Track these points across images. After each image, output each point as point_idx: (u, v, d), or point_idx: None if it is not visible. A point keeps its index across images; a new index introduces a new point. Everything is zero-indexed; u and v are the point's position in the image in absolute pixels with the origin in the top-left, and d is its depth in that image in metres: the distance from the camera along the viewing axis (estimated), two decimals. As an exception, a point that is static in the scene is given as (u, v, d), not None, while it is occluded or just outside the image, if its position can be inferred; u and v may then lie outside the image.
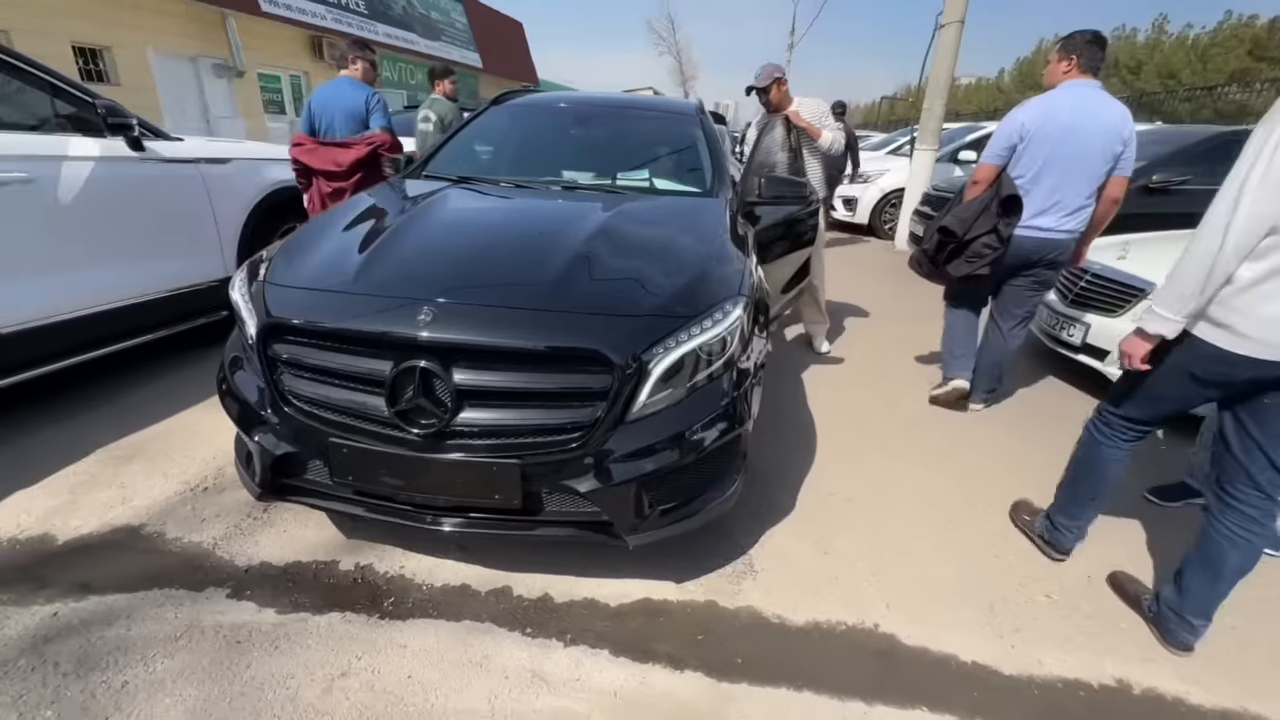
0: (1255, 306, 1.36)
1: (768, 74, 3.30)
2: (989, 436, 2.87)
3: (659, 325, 1.52)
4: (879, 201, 8.58)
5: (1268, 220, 1.28)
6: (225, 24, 11.41)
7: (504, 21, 25.18)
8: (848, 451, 2.64)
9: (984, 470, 2.55)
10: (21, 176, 2.33)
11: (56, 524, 1.95)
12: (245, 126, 12.36)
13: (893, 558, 1.98)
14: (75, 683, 1.40)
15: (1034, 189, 2.54)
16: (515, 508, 1.49)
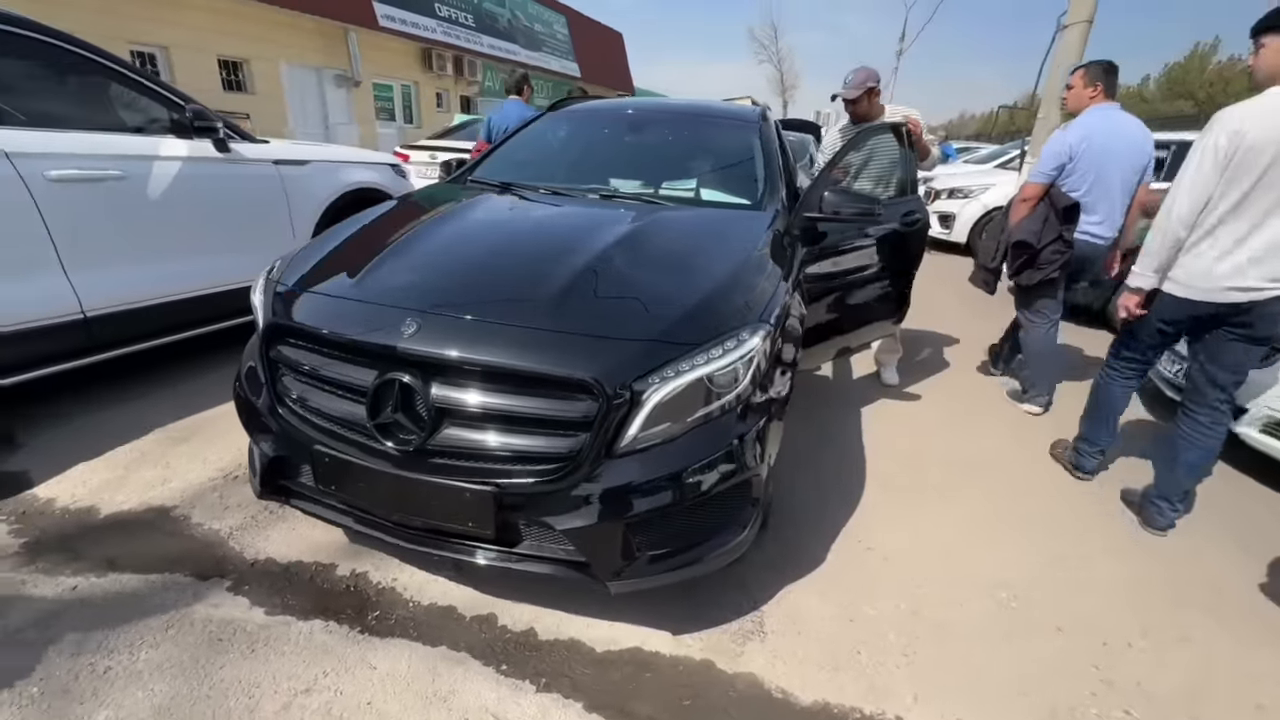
0: (1187, 263, 1.98)
1: (860, 81, 2.97)
2: (1079, 500, 2.45)
3: (657, 352, 1.36)
4: (980, 219, 7.85)
5: (1199, 203, 1.91)
6: (347, 38, 12.43)
7: (604, 32, 25.79)
8: (897, 500, 2.34)
9: (1062, 540, 2.17)
10: (115, 174, 2.55)
11: (104, 498, 2.08)
12: (359, 132, 13.40)
13: (932, 636, 1.70)
14: (66, 662, 1.45)
15: (1088, 201, 2.81)
16: (488, 537, 1.39)
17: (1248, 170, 1.82)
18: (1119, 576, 2.00)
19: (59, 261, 2.41)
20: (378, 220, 1.98)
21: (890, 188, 2.98)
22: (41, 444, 2.37)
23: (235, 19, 10.31)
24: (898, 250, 2.78)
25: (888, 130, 2.84)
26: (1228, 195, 1.87)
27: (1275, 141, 1.77)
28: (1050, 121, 6.43)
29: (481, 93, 17.76)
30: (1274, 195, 1.81)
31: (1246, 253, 1.88)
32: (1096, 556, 2.09)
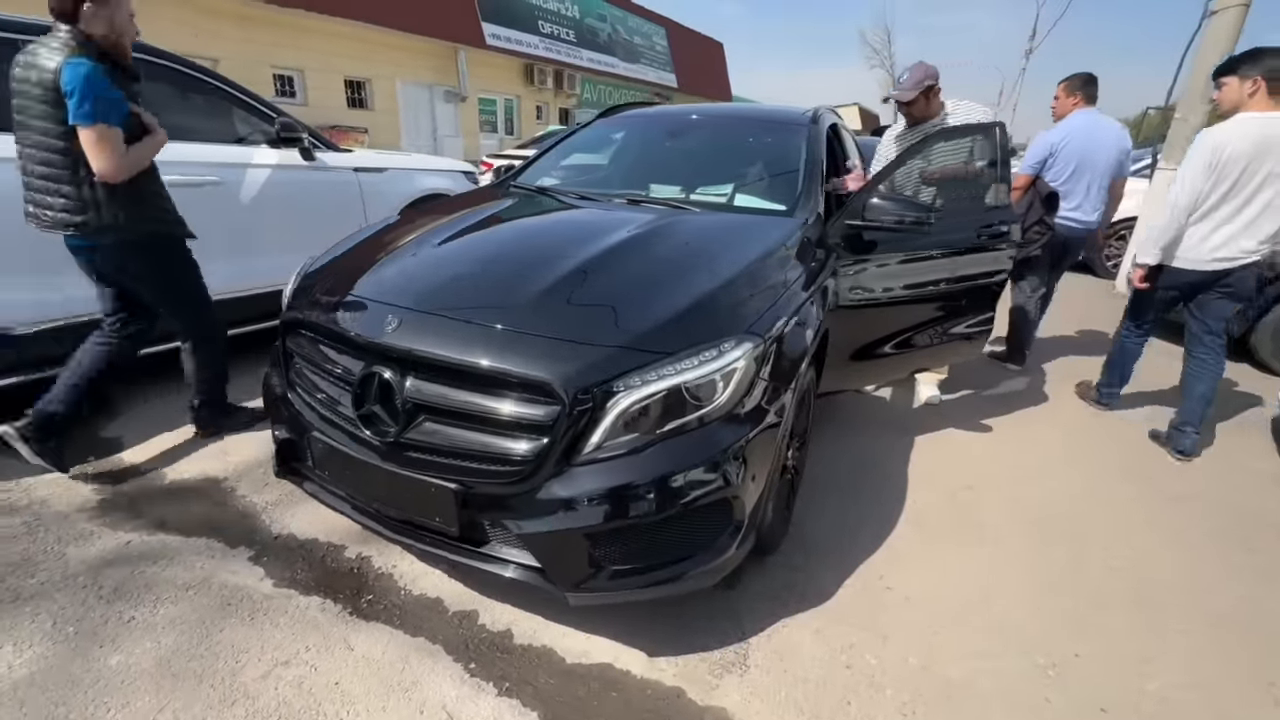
0: (1184, 241, 2.59)
1: (917, 80, 2.75)
2: (1149, 563, 2.09)
3: (624, 358, 1.32)
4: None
5: (1194, 200, 2.51)
6: (457, 57, 13.37)
7: (704, 42, 25.90)
8: (935, 539, 2.10)
9: (1126, 612, 1.85)
10: (212, 180, 2.88)
11: (172, 466, 2.34)
12: (463, 144, 14.35)
13: (939, 696, 1.50)
14: (102, 608, 1.63)
15: (1066, 190, 3.33)
16: (453, 534, 1.40)
17: (1227, 175, 2.46)
18: (1192, 659, 1.67)
19: (161, 256, 2.74)
20: (400, 222, 2.08)
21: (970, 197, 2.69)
22: (137, 413, 2.71)
23: (360, 43, 11.41)
24: (980, 265, 2.53)
25: (975, 132, 2.59)
26: (1213, 194, 2.51)
27: (1245, 154, 2.41)
28: (1190, 124, 5.61)
29: (580, 104, 18.41)
30: (1246, 193, 2.47)
31: (1225, 234, 2.53)
32: (1167, 634, 1.77)
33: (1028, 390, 3.54)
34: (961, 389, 3.40)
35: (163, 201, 2.26)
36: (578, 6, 17.27)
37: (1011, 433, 2.96)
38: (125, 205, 2.04)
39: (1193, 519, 2.33)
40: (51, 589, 1.68)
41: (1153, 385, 3.57)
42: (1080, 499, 2.42)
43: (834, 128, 2.91)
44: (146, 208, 2.14)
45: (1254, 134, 2.39)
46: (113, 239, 2.07)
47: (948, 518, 2.23)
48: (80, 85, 1.80)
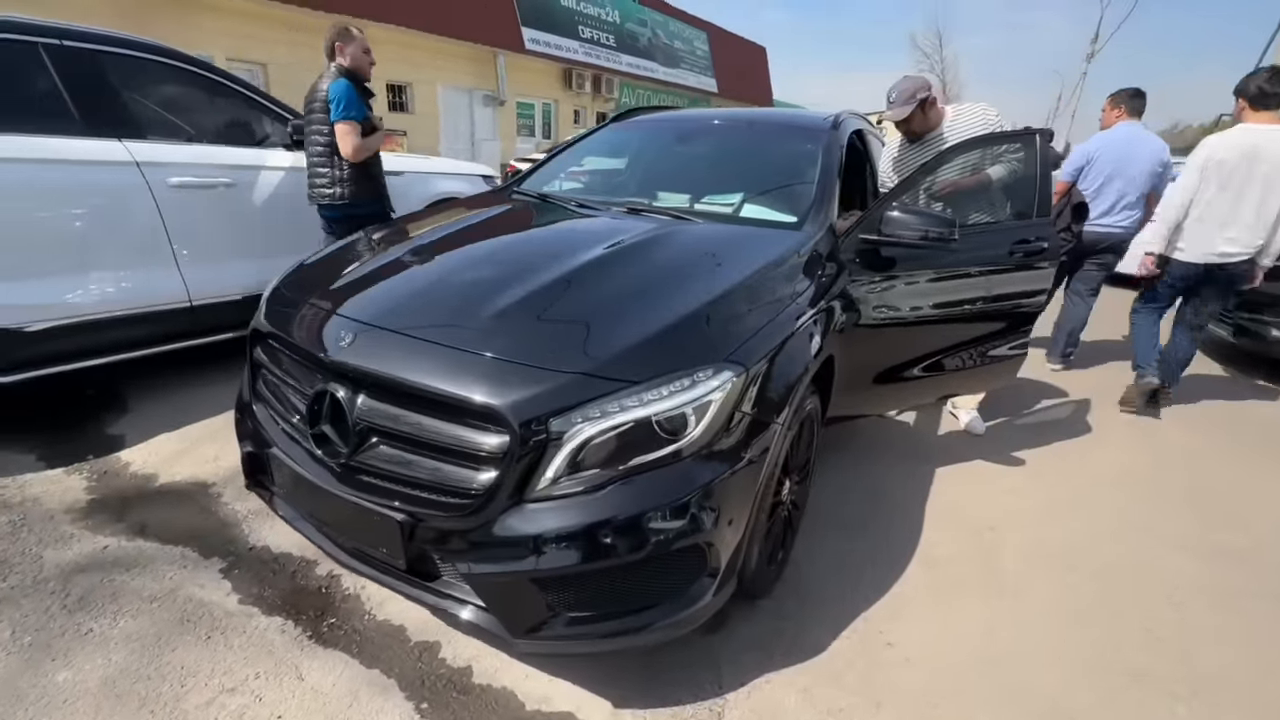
0: (1184, 236, 3.04)
1: (908, 94, 2.51)
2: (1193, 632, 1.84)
3: (585, 386, 1.19)
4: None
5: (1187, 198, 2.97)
6: (496, 61, 13.54)
7: (746, 47, 25.64)
8: (945, 587, 1.91)
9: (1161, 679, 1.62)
10: (226, 181, 2.90)
11: (165, 468, 2.33)
12: (500, 147, 14.50)
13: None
14: (63, 618, 1.59)
15: (1097, 197, 3.54)
16: (400, 567, 1.31)
17: (1216, 177, 2.89)
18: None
19: (174, 257, 2.77)
20: (384, 230, 2.01)
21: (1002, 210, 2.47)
22: (143, 412, 2.73)
23: (404, 47, 11.65)
24: (1014, 284, 2.32)
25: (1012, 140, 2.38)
26: (1204, 194, 2.93)
27: (1233, 159, 2.85)
28: (1266, 130, 5.15)
29: (617, 108, 18.44)
30: (1235, 194, 2.86)
31: (1225, 232, 2.91)
32: (1211, 688, 1.53)
33: (1070, 419, 3.27)
34: (995, 415, 3.15)
35: (381, 186, 3.11)
36: (618, 11, 17.28)
37: (1047, 466, 2.71)
38: (357, 183, 2.92)
39: (1256, 581, 2.05)
40: (19, 594, 1.66)
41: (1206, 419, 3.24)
42: (1121, 548, 2.17)
43: (859, 134, 2.72)
44: (372, 185, 3.02)
45: (1240, 142, 2.87)
46: (343, 211, 2.93)
47: (965, 562, 2.03)
48: (337, 95, 2.79)
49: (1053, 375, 3.83)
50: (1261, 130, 2.84)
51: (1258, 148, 2.80)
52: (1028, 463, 2.73)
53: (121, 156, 2.58)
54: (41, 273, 2.41)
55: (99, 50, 2.61)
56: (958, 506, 2.35)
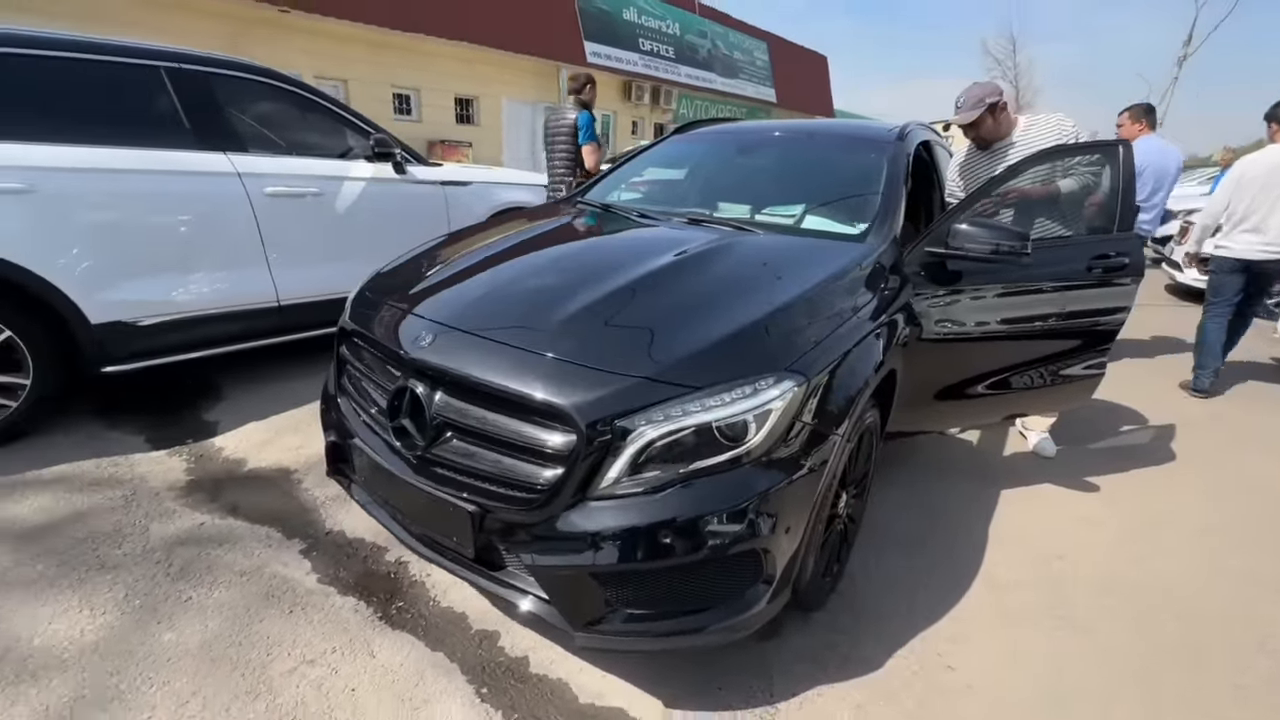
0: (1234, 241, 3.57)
1: (977, 98, 2.46)
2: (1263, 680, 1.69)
3: (649, 390, 1.24)
4: (1262, 265, 6.01)
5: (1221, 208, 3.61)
6: (559, 75, 13.91)
7: (807, 56, 25.33)
8: (1009, 617, 1.83)
9: None
10: (314, 191, 3.13)
11: (254, 454, 2.53)
12: (559, 157, 14.86)
13: (999, 809, 1.28)
14: (167, 585, 1.76)
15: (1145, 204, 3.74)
16: (469, 555, 1.38)
17: (1248, 191, 3.49)
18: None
19: (266, 260, 3.01)
20: (460, 236, 2.13)
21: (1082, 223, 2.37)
22: (235, 402, 2.97)
23: (472, 64, 12.17)
24: (1091, 301, 2.23)
25: (1093, 150, 2.29)
26: (1238, 206, 3.52)
27: (1259, 176, 3.47)
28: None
29: (675, 119, 18.57)
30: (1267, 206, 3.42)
31: (1261, 235, 3.45)
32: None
33: (1152, 445, 3.07)
34: (1068, 439, 3.00)
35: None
36: (678, 24, 17.44)
37: (1123, 495, 2.56)
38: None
39: (1364, 627, 1.88)
40: (131, 561, 1.85)
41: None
42: (1206, 588, 2.03)
43: (925, 145, 2.67)
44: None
45: (1267, 162, 3.48)
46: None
47: (1031, 590, 1.95)
48: (584, 124, 4.12)
49: (1132, 400, 3.60)
50: None
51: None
52: (1102, 489, 2.59)
53: (226, 168, 2.83)
54: (153, 272, 2.66)
55: (209, 72, 2.87)
56: (1024, 531, 2.26)
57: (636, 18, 15.80)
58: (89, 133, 2.50)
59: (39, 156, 2.34)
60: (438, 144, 11.67)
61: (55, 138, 2.41)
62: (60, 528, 1.98)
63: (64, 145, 2.41)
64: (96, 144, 2.50)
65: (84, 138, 2.48)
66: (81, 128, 2.50)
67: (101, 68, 2.57)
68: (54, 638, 1.55)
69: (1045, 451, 2.82)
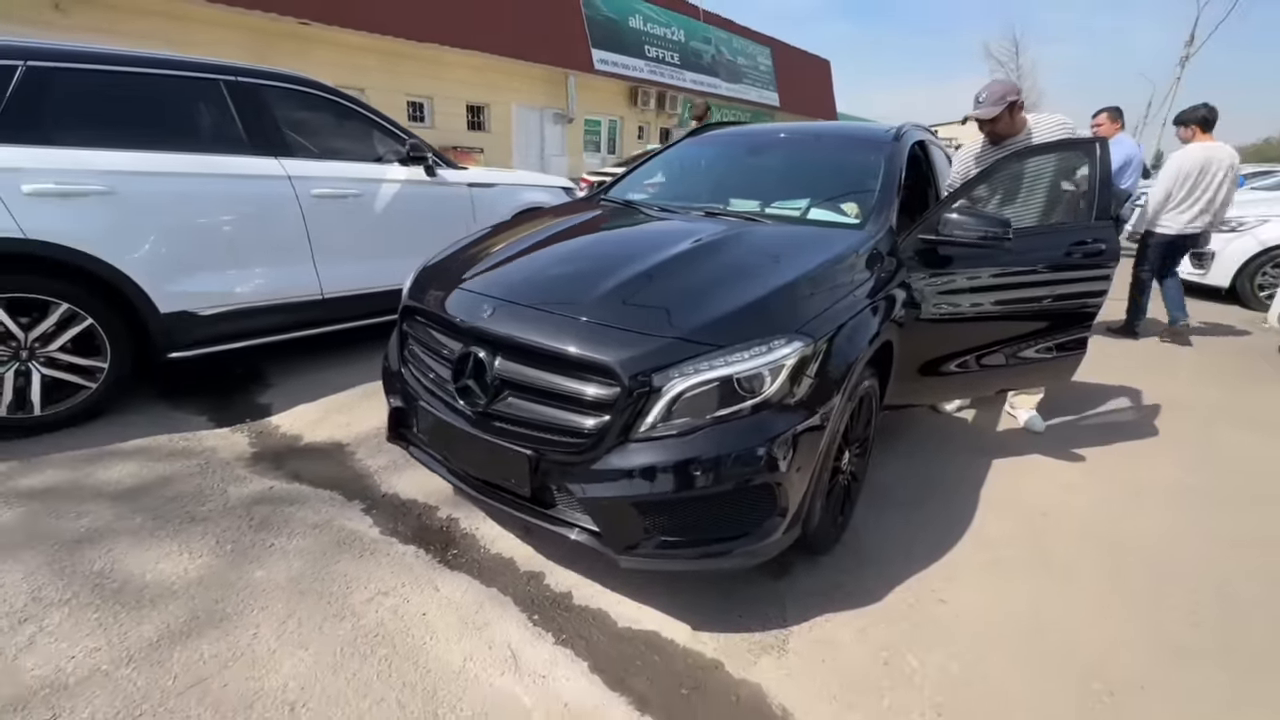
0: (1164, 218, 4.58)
1: (998, 95, 2.70)
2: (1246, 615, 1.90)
3: (679, 349, 1.47)
4: (1254, 258, 6.22)
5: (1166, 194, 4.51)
6: (567, 81, 14.24)
7: (810, 61, 25.63)
8: (997, 560, 2.06)
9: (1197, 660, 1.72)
10: (355, 193, 3.39)
11: (308, 430, 2.78)
12: (568, 162, 15.17)
13: (979, 703, 1.50)
14: (251, 534, 2.00)
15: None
16: (526, 495, 1.62)
17: (1187, 180, 4.38)
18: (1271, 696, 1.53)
19: (311, 256, 3.26)
20: (500, 227, 2.37)
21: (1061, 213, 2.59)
22: (283, 386, 3.22)
23: (482, 71, 12.50)
24: (1070, 285, 2.45)
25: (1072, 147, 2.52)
26: (1177, 194, 4.44)
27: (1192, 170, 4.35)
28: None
29: (680, 124, 18.88)
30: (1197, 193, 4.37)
31: (1189, 215, 4.43)
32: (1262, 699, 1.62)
33: (1136, 422, 3.28)
34: (1058, 415, 3.22)
35: None
36: (683, 30, 17.78)
37: (1106, 465, 2.77)
38: None
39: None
40: (217, 516, 2.09)
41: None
42: (1175, 543, 2.23)
43: (921, 144, 2.91)
44: None
45: (1197, 158, 4.36)
46: None
47: (1016, 543, 2.17)
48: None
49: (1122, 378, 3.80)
50: (1211, 147, 4.37)
51: (1209, 160, 4.32)
52: (1087, 460, 2.80)
53: (277, 171, 3.09)
54: (214, 266, 2.92)
55: (261, 84, 3.14)
56: (1012, 495, 2.47)
57: (642, 25, 16.13)
58: (159, 140, 2.77)
59: (118, 162, 2.60)
60: (450, 150, 11.98)
61: (131, 144, 2.67)
62: (150, 489, 2.23)
63: (139, 151, 2.68)
64: (166, 150, 2.77)
65: (155, 144, 2.75)
66: (153, 136, 2.76)
67: (168, 81, 2.84)
68: (162, 574, 1.80)
69: (1035, 427, 3.03)
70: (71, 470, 2.32)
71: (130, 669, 1.47)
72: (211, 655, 1.52)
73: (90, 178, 2.51)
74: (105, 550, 1.88)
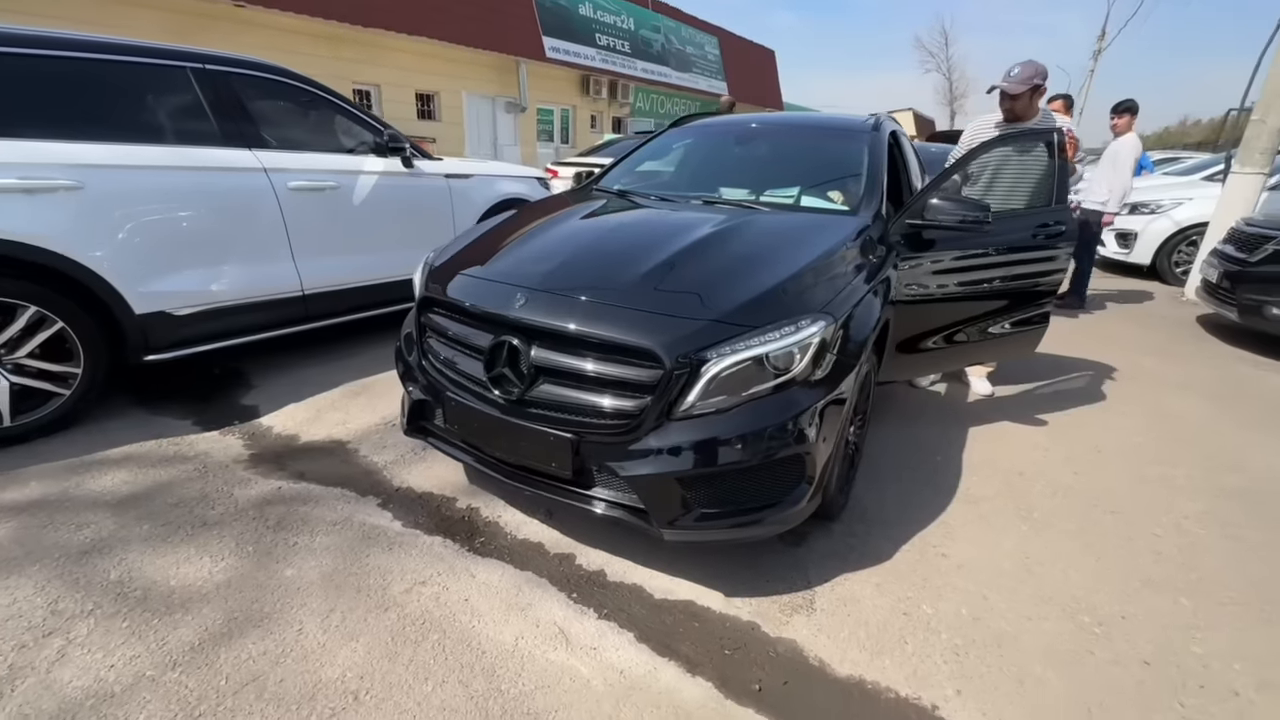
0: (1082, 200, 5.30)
1: (1027, 76, 2.88)
2: (1196, 544, 2.17)
3: (715, 331, 1.56)
4: (1171, 238, 6.82)
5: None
6: (518, 70, 13.96)
7: (756, 51, 25.95)
8: (986, 516, 2.25)
9: (1170, 581, 1.96)
10: (332, 185, 3.29)
11: (302, 430, 2.72)
12: (521, 153, 14.93)
13: (991, 642, 1.67)
14: (270, 535, 1.97)
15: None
16: (567, 478, 1.67)
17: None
18: (1240, 635, 1.77)
19: (290, 251, 3.16)
20: (511, 218, 2.39)
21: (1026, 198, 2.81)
22: (267, 387, 3.12)
23: (431, 59, 12.11)
24: (1034, 265, 2.67)
25: (1033, 137, 2.73)
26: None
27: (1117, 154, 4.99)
28: (1270, 125, 5.46)
29: (632, 113, 18.83)
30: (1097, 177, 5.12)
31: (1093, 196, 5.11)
32: (1216, 614, 1.86)
33: (1088, 389, 3.59)
34: (1019, 384, 3.50)
35: None
36: (632, 19, 17.68)
37: (1066, 427, 3.04)
38: None
39: (1252, 513, 2.37)
40: (229, 519, 2.04)
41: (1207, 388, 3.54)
42: (1134, 490, 2.50)
43: (894, 135, 3.07)
44: None
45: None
46: None
47: (1000, 500, 2.37)
48: None
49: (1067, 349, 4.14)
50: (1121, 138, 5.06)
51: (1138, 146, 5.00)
52: (1050, 424, 3.07)
53: (253, 164, 2.98)
54: (190, 264, 2.80)
55: (231, 71, 3.00)
56: (990, 458, 2.69)
57: (592, 13, 15.96)
58: (128, 132, 2.63)
59: (88, 155, 2.46)
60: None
61: (100, 137, 2.53)
62: (150, 496, 2.15)
63: (108, 144, 2.53)
64: (136, 142, 2.62)
65: (124, 137, 2.60)
66: (122, 127, 2.62)
67: (133, 69, 2.69)
68: (186, 579, 1.76)
69: (984, 390, 3.33)
70: (58, 481, 2.21)
71: (178, 673, 1.45)
72: (260, 653, 1.52)
73: (58, 172, 2.37)
74: (117, 560, 1.82)
